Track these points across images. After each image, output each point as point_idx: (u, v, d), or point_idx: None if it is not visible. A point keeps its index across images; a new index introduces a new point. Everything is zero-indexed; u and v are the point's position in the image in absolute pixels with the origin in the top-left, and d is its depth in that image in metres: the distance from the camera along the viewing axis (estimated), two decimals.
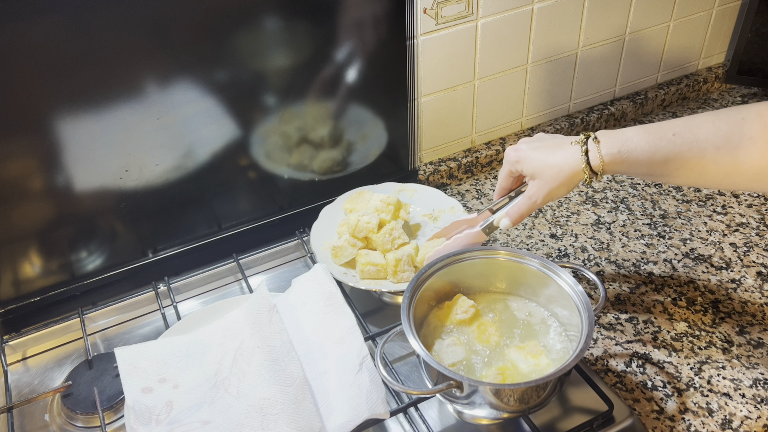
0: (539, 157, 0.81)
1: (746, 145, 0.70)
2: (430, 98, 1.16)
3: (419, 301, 0.83)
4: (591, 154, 0.77)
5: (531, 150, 0.82)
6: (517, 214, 0.85)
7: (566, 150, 0.79)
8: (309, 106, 1.03)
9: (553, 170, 0.80)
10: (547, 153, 0.81)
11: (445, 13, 1.08)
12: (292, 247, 1.11)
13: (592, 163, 0.77)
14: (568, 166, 0.79)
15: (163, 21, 0.86)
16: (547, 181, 0.80)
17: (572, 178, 0.79)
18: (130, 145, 0.92)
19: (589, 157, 0.77)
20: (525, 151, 0.82)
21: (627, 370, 0.89)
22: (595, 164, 0.77)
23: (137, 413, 0.79)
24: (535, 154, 0.82)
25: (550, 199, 0.82)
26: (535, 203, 0.82)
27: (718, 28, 1.44)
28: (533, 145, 0.83)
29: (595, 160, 0.77)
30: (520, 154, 0.83)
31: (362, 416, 0.76)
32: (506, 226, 0.86)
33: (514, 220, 0.85)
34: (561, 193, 0.81)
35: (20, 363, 0.96)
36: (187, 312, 0.99)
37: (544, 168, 0.80)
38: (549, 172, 0.80)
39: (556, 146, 0.81)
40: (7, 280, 0.95)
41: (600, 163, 0.76)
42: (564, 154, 0.79)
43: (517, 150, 0.84)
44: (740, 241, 1.09)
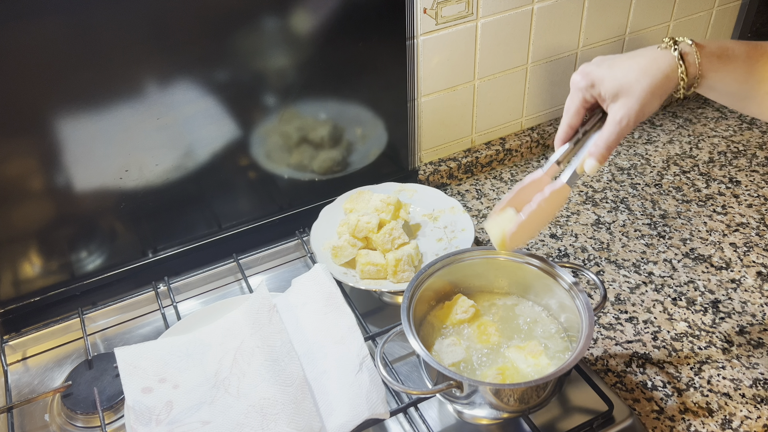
0: (620, 71, 0.68)
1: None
2: (430, 98, 1.16)
3: (419, 301, 0.83)
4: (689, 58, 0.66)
5: (606, 68, 0.69)
6: (606, 149, 0.70)
7: (653, 55, 0.67)
8: (309, 106, 1.03)
9: (643, 81, 0.67)
10: (627, 64, 0.68)
11: (445, 13, 1.08)
12: (292, 247, 1.11)
13: (690, 66, 0.66)
14: (660, 72, 0.66)
15: (163, 21, 0.86)
16: (638, 96, 0.67)
17: (666, 85, 0.67)
18: (130, 145, 0.92)
19: (686, 61, 0.66)
20: (598, 71, 0.69)
21: (627, 370, 0.89)
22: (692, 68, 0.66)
23: (137, 413, 0.79)
24: (614, 70, 0.68)
25: (642, 117, 0.68)
26: (627, 126, 0.68)
27: (718, 28, 1.44)
28: (605, 63, 0.70)
29: (691, 62, 0.66)
30: (594, 75, 0.69)
31: (362, 416, 0.76)
32: (593, 167, 0.71)
33: (603, 157, 0.70)
34: (654, 107, 0.68)
35: (20, 363, 0.96)
36: (187, 312, 0.99)
37: (630, 81, 0.67)
38: (638, 85, 0.67)
39: (636, 54, 0.69)
40: (7, 280, 0.95)
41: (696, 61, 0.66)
42: (651, 60, 0.67)
43: (588, 73, 0.70)
44: (740, 241, 1.09)
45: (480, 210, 1.19)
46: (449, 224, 1.06)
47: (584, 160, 0.71)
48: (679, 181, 1.23)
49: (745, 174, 1.24)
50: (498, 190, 1.23)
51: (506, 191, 1.23)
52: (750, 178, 1.23)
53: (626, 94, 0.67)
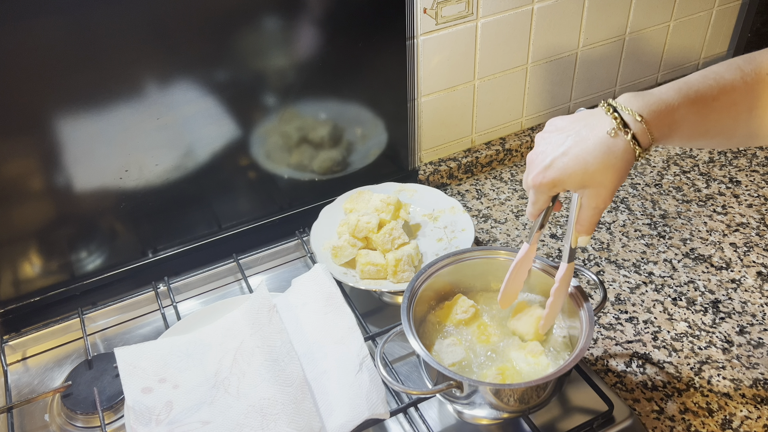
0: (580, 168, 0.67)
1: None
2: (430, 98, 1.16)
3: (419, 301, 0.83)
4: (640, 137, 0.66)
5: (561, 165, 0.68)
6: (591, 225, 0.73)
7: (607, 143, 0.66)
8: (309, 106, 1.03)
9: (606, 174, 0.67)
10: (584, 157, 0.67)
11: (445, 13, 1.08)
12: (292, 247, 1.11)
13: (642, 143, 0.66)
14: (619, 160, 0.66)
15: (163, 21, 0.86)
16: (607, 187, 0.68)
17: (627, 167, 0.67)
18: (130, 145, 0.92)
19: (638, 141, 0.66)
20: (554, 171, 0.69)
21: (627, 370, 0.89)
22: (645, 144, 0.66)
23: (137, 413, 0.79)
24: (571, 167, 0.68)
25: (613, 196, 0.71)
26: (604, 208, 0.71)
27: (718, 28, 1.44)
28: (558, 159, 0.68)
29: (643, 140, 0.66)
30: (553, 176, 0.69)
31: (362, 416, 0.76)
32: (586, 241, 0.75)
33: (591, 231, 0.74)
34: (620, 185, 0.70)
35: (20, 363, 0.96)
36: (187, 312, 0.99)
37: (595, 175, 0.67)
38: (603, 177, 0.67)
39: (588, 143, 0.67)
40: (7, 280, 0.95)
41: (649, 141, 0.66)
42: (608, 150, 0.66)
43: (545, 176, 0.69)
44: (740, 241, 1.09)
45: (480, 210, 1.19)
46: (449, 224, 1.06)
47: (577, 239, 0.76)
48: (679, 181, 1.24)
49: (745, 174, 1.24)
50: (498, 190, 1.23)
51: (507, 191, 1.23)
52: (750, 178, 1.23)
53: (594, 186, 0.68)
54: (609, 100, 0.69)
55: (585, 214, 0.72)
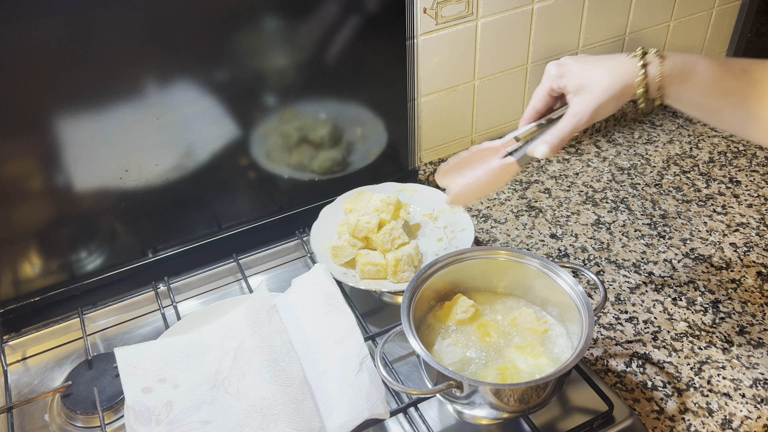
0: (588, 70, 0.72)
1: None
2: (430, 98, 1.16)
3: (419, 301, 0.83)
4: (650, 68, 0.69)
5: (578, 63, 0.73)
6: (558, 138, 0.74)
7: (619, 61, 0.71)
8: (309, 106, 1.03)
9: (603, 83, 0.70)
10: (597, 64, 0.72)
11: (445, 13, 1.09)
12: (292, 247, 1.11)
13: (650, 75, 0.69)
14: (621, 78, 0.70)
15: (163, 21, 0.86)
16: (595, 95, 0.71)
17: (624, 92, 0.70)
18: (130, 145, 0.92)
19: (647, 71, 0.69)
20: (571, 64, 0.74)
21: (627, 370, 0.89)
22: (653, 77, 0.69)
23: (137, 413, 0.79)
24: (583, 67, 0.73)
25: (597, 117, 0.72)
26: (580, 121, 0.72)
27: (718, 28, 1.44)
28: (580, 59, 0.74)
29: (653, 72, 0.69)
30: (565, 68, 0.74)
31: (362, 416, 0.76)
32: (544, 153, 0.75)
33: (555, 146, 0.75)
34: (609, 110, 0.72)
35: (20, 363, 0.96)
36: (187, 312, 0.99)
37: (593, 81, 0.71)
38: (599, 85, 0.70)
39: (609, 58, 0.72)
40: (7, 280, 0.95)
41: (659, 78, 0.68)
42: (617, 65, 0.70)
43: (561, 64, 0.74)
44: (740, 241, 1.09)
45: (480, 210, 1.19)
46: (449, 224, 1.06)
47: (537, 145, 0.76)
48: (679, 181, 1.24)
49: (745, 174, 1.24)
50: (498, 190, 1.23)
51: (507, 191, 1.23)
52: (750, 178, 1.23)
53: (587, 91, 0.71)
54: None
55: (562, 122, 0.74)
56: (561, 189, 1.23)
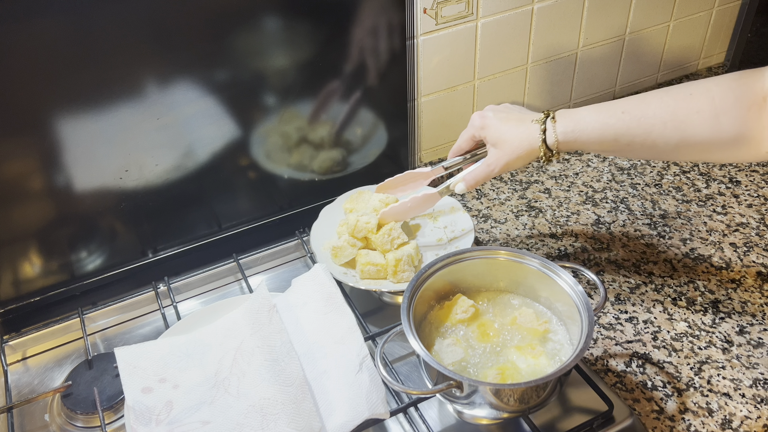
0: (503, 129, 0.86)
1: (693, 119, 0.73)
2: (430, 98, 1.16)
3: (419, 301, 0.83)
4: (548, 133, 0.82)
5: (497, 120, 0.87)
6: (474, 180, 0.90)
7: (527, 126, 0.84)
8: (309, 106, 1.03)
9: (513, 144, 0.85)
10: (510, 126, 0.85)
11: (445, 13, 1.09)
12: (292, 247, 1.11)
13: (548, 141, 0.82)
14: (527, 142, 0.84)
15: (164, 21, 0.86)
16: (506, 153, 0.85)
17: (530, 153, 0.84)
18: (130, 145, 0.92)
19: (546, 136, 0.82)
20: (491, 119, 0.87)
21: (627, 370, 0.89)
22: (551, 143, 0.82)
23: (137, 413, 0.79)
24: (500, 125, 0.86)
25: (507, 169, 0.87)
26: (492, 171, 0.88)
27: (718, 28, 1.44)
28: (500, 115, 0.87)
29: (550, 139, 0.82)
30: (486, 122, 0.87)
31: (362, 416, 0.76)
32: (462, 190, 0.92)
33: (470, 185, 0.91)
34: (518, 165, 0.86)
35: (20, 363, 0.96)
36: (187, 312, 0.99)
37: (506, 140, 0.85)
38: (509, 145, 0.85)
39: (520, 121, 0.86)
40: (7, 280, 0.95)
41: (555, 142, 0.82)
42: (525, 130, 0.84)
43: (484, 117, 0.88)
44: (740, 241, 1.09)
45: (480, 210, 1.19)
46: (449, 224, 1.06)
47: (458, 182, 0.93)
48: (679, 181, 1.24)
49: (745, 174, 1.24)
50: (498, 190, 1.23)
51: (507, 191, 1.23)
52: (750, 178, 1.23)
53: (500, 148, 0.86)
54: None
55: (478, 168, 0.89)
56: (561, 189, 1.23)
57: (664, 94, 0.77)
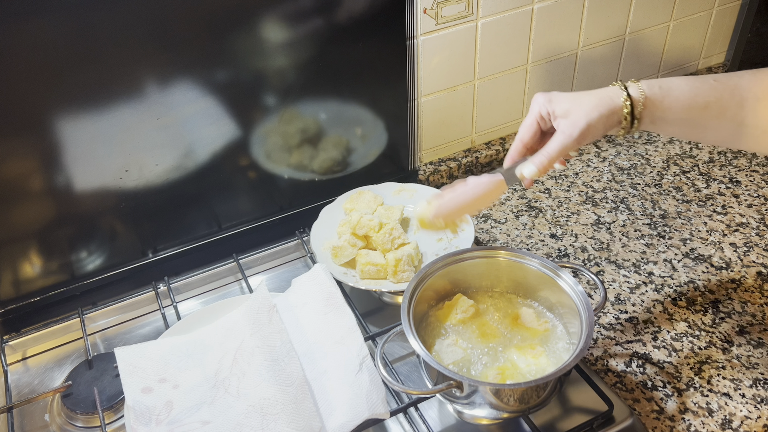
0: (574, 96, 0.75)
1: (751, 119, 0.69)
2: (430, 98, 1.16)
3: (419, 301, 0.83)
4: (631, 90, 0.73)
5: (565, 94, 0.76)
6: (547, 158, 0.74)
7: (604, 89, 0.75)
8: (309, 106, 1.03)
9: (591, 103, 0.73)
10: (582, 94, 0.75)
11: (445, 13, 1.08)
12: (292, 247, 1.11)
13: (633, 97, 0.72)
14: (607, 100, 0.73)
15: (164, 21, 0.86)
16: (585, 114, 0.73)
17: (612, 111, 0.73)
18: (130, 145, 0.92)
19: (629, 92, 0.72)
20: (559, 92, 0.77)
21: (627, 370, 0.89)
22: (636, 98, 0.72)
23: (137, 413, 0.79)
24: (570, 95, 0.76)
25: (585, 137, 0.73)
26: (569, 138, 0.73)
27: (718, 28, 1.44)
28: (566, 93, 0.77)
29: (636, 94, 0.72)
30: (553, 96, 0.76)
31: (362, 416, 0.76)
32: (531, 173, 0.75)
33: (543, 166, 0.75)
34: (599, 129, 0.73)
35: (20, 363, 0.96)
36: (187, 312, 0.99)
37: (581, 103, 0.74)
38: (587, 106, 0.73)
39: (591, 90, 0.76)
40: (7, 280, 0.95)
41: (642, 97, 0.72)
42: (602, 92, 0.74)
43: (548, 93, 0.77)
44: (740, 241, 1.09)
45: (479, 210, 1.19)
46: None
47: (525, 165, 0.76)
48: (679, 181, 1.24)
49: (745, 174, 1.24)
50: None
51: (506, 191, 1.23)
52: (750, 178, 1.23)
53: (575, 113, 0.73)
54: None
55: (551, 142, 0.75)
56: (561, 189, 1.23)
57: (756, 71, 0.71)
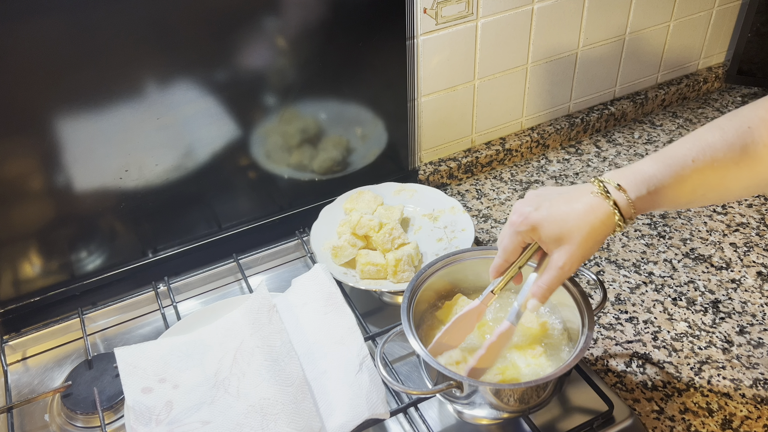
0: (560, 217, 0.69)
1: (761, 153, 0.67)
2: (430, 98, 1.16)
3: (419, 301, 0.83)
4: (621, 204, 0.68)
5: (545, 211, 0.70)
6: (548, 290, 0.72)
7: (588, 201, 0.69)
8: (309, 106, 1.03)
9: (582, 230, 0.68)
10: (566, 210, 0.70)
11: (445, 13, 1.08)
12: (292, 247, 1.11)
13: (624, 212, 0.68)
14: (598, 221, 0.68)
15: (163, 21, 0.86)
16: (579, 244, 0.69)
17: (604, 232, 0.69)
18: (130, 145, 0.92)
19: (619, 208, 0.68)
20: (537, 214, 0.70)
21: (627, 370, 0.89)
22: (627, 213, 0.69)
23: (137, 413, 0.79)
24: (554, 215, 0.70)
25: (583, 261, 0.70)
26: (568, 273, 0.70)
27: (718, 28, 1.44)
28: (543, 205, 0.71)
29: (626, 209, 0.68)
30: (533, 220, 0.70)
31: (362, 416, 0.76)
32: (536, 306, 0.73)
33: (545, 298, 0.72)
34: (594, 251, 0.70)
35: (20, 363, 0.96)
36: (187, 312, 0.99)
37: (570, 229, 0.69)
38: (578, 234, 0.68)
39: (573, 198, 0.70)
40: (7, 280, 0.95)
41: (632, 211, 0.69)
42: (589, 207, 0.69)
43: (527, 216, 0.71)
44: (740, 241, 1.09)
45: (480, 210, 1.19)
46: (449, 224, 1.06)
47: (527, 300, 0.73)
48: None
49: None
50: (498, 190, 1.23)
51: (507, 191, 1.23)
52: None
53: (567, 242, 0.69)
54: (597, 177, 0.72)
55: (548, 275, 0.71)
56: None
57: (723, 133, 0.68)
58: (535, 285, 0.73)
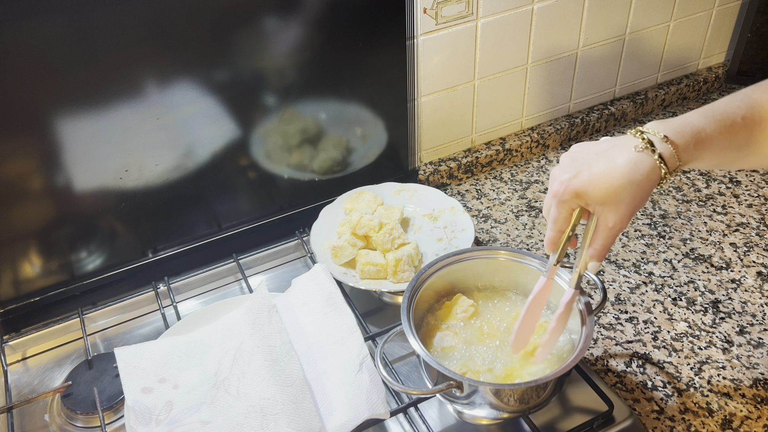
0: (603, 178, 0.67)
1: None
2: (430, 98, 1.16)
3: (419, 301, 0.83)
4: (666, 157, 0.66)
5: (585, 175, 0.68)
6: (604, 250, 0.71)
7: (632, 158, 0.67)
8: (309, 106, 1.03)
9: (630, 189, 0.67)
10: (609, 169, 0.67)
11: (445, 13, 1.08)
12: (292, 247, 1.11)
13: (669, 164, 0.66)
14: (645, 178, 0.66)
15: (163, 21, 0.86)
16: (627, 203, 0.67)
17: (651, 187, 0.67)
18: (130, 145, 0.92)
19: (665, 161, 0.66)
20: (579, 180, 0.68)
21: (627, 370, 0.89)
22: (672, 165, 0.67)
23: (137, 413, 0.79)
24: (596, 178, 0.68)
25: (632, 217, 0.70)
26: (620, 231, 0.70)
27: (718, 28, 1.44)
28: (582, 169, 0.69)
29: (671, 161, 0.66)
30: (576, 186, 0.68)
31: (362, 416, 0.76)
32: (596, 267, 0.73)
33: (603, 257, 0.72)
34: (642, 206, 0.69)
35: (20, 363, 0.96)
36: (187, 312, 0.99)
37: (617, 190, 0.67)
38: (626, 193, 0.67)
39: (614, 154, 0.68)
40: (7, 280, 0.95)
41: (677, 164, 0.67)
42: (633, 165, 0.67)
43: (569, 184, 0.69)
44: (740, 241, 1.09)
45: (480, 210, 1.19)
46: (449, 224, 1.06)
47: (587, 263, 0.73)
48: (679, 180, 1.24)
49: (745, 174, 1.24)
50: (498, 190, 1.23)
51: (507, 191, 1.23)
52: (750, 178, 1.23)
53: (615, 202, 0.68)
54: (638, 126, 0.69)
55: (600, 235, 0.70)
56: None
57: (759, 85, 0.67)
58: (591, 248, 0.72)
